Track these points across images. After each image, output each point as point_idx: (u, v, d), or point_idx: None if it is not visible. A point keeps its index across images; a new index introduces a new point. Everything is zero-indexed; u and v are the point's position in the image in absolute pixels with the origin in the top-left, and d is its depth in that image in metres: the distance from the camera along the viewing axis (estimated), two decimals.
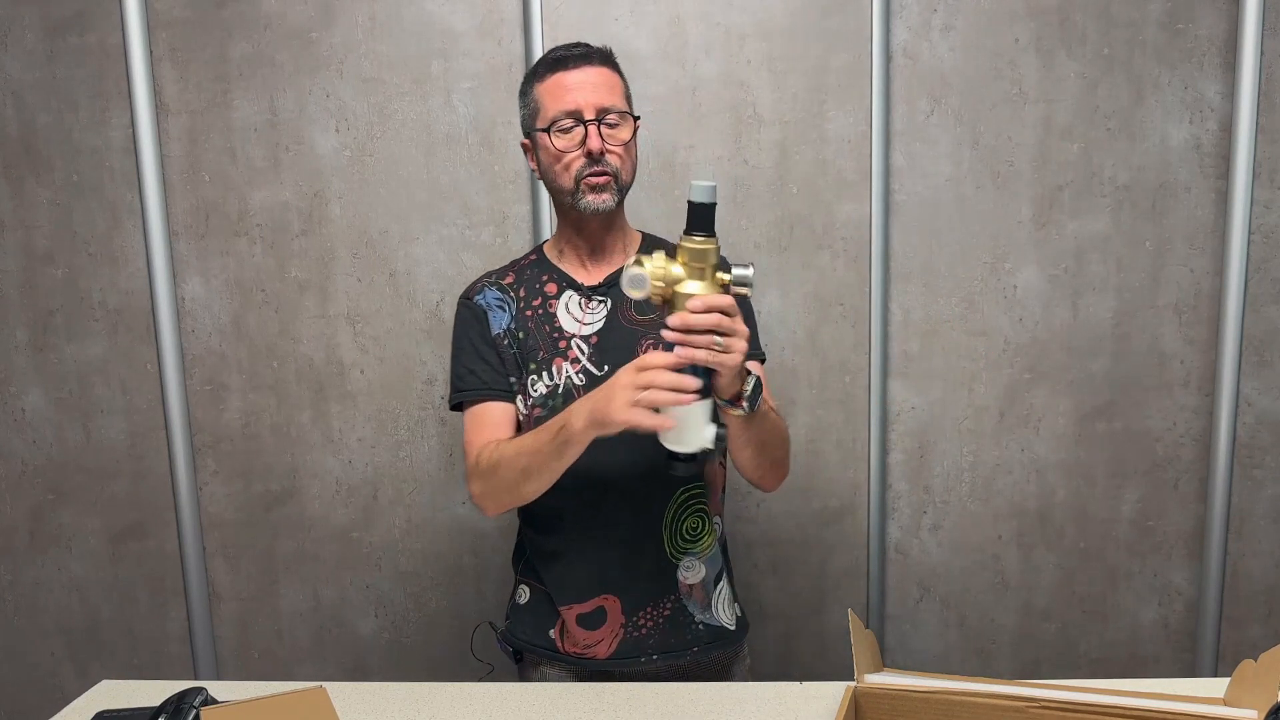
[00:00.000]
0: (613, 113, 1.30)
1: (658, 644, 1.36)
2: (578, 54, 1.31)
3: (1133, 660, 1.93)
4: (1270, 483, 1.86)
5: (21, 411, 1.95)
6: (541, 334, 1.36)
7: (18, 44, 1.83)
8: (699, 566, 1.37)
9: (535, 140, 1.34)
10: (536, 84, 1.33)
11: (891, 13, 1.76)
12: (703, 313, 1.07)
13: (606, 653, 1.35)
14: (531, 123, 1.35)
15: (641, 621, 1.35)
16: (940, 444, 1.89)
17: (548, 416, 1.30)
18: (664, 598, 1.36)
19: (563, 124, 1.29)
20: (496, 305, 1.39)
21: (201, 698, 1.10)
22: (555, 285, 1.39)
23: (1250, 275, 1.79)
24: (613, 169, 1.30)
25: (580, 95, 1.28)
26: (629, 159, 1.33)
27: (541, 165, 1.35)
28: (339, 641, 2.00)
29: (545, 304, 1.38)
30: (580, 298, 1.37)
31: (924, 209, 1.82)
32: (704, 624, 1.38)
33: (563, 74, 1.30)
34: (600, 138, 1.28)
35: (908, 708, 1.08)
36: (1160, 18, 1.75)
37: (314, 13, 1.80)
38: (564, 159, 1.30)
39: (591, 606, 1.35)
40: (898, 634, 1.95)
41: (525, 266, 1.43)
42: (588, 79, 1.29)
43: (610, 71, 1.32)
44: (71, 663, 2.03)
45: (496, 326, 1.38)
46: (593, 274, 1.38)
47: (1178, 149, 1.78)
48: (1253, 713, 1.03)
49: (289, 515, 1.95)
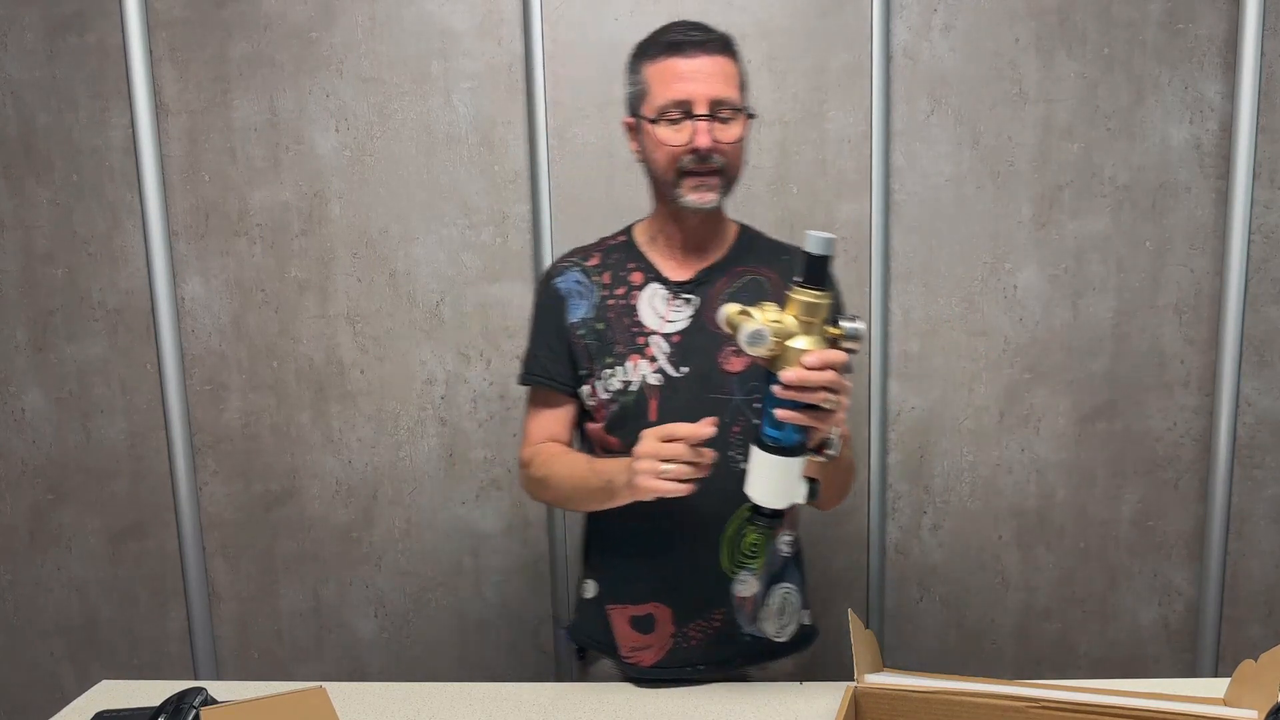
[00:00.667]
0: (726, 107, 1.22)
1: (704, 655, 1.32)
2: (695, 40, 1.22)
3: (1133, 660, 1.93)
4: (1270, 483, 1.86)
5: (21, 411, 1.95)
6: (621, 327, 1.30)
7: (18, 44, 1.83)
8: (752, 581, 1.32)
9: (640, 124, 1.27)
10: (647, 64, 1.25)
11: (891, 13, 1.76)
12: (819, 369, 1.02)
13: (653, 660, 1.32)
14: (637, 104, 1.27)
15: (691, 633, 1.31)
16: (940, 444, 1.89)
17: (620, 413, 1.28)
18: (714, 610, 1.31)
19: (671, 115, 1.21)
20: (576, 292, 1.33)
21: (201, 698, 1.10)
22: (641, 275, 1.32)
23: (1250, 275, 1.79)
24: (719, 165, 1.23)
25: (693, 85, 1.20)
26: (738, 155, 1.26)
27: (644, 150, 1.28)
28: (339, 641, 2.00)
29: (629, 294, 1.31)
30: (666, 293, 1.30)
31: (924, 209, 1.82)
32: (751, 637, 1.34)
33: (677, 60, 1.21)
34: (710, 134, 1.21)
35: (908, 708, 1.08)
36: (1160, 18, 1.75)
37: (314, 13, 1.80)
38: (669, 151, 1.23)
39: (643, 611, 1.32)
40: (898, 634, 1.95)
41: (613, 248, 1.36)
42: (702, 68, 1.21)
43: (728, 60, 1.24)
44: (71, 663, 2.03)
45: (574, 314, 1.32)
46: (683, 268, 1.32)
47: (1178, 149, 1.78)
48: (1253, 713, 1.03)
49: (289, 515, 1.95)
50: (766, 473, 1.07)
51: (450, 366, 1.89)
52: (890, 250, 1.83)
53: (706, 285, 1.30)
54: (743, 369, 1.27)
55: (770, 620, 1.35)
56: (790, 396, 1.02)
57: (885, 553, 1.92)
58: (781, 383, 1.02)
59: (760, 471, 1.07)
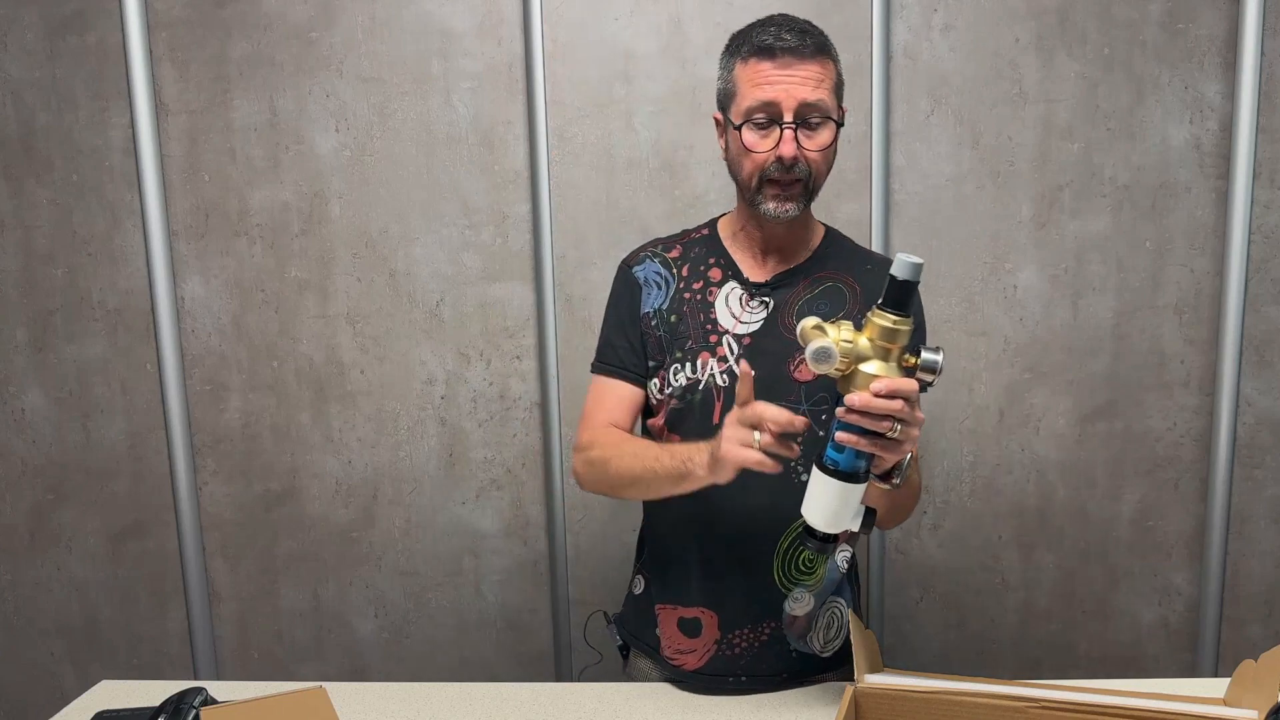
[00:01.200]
0: (815, 113, 1.18)
1: (748, 666, 1.29)
2: (789, 45, 1.16)
3: (1133, 660, 1.93)
4: (1270, 483, 1.86)
5: (21, 411, 1.95)
6: (695, 322, 1.27)
7: (18, 44, 1.83)
8: (808, 599, 1.29)
9: (727, 122, 1.23)
10: (738, 63, 1.20)
11: (891, 13, 1.76)
12: (886, 397, 0.97)
13: (696, 664, 1.30)
14: (725, 102, 1.23)
15: (736, 641, 1.28)
16: (940, 444, 1.89)
17: (684, 409, 1.26)
18: (763, 623, 1.29)
19: (758, 119, 1.18)
20: (655, 281, 1.31)
21: (201, 698, 1.10)
22: (720, 272, 1.29)
23: (1250, 275, 1.79)
24: (803, 174, 1.19)
25: (781, 90, 1.16)
26: (825, 163, 1.22)
27: (729, 151, 1.24)
28: (339, 641, 2.00)
29: (706, 290, 1.29)
30: (744, 293, 1.28)
31: (924, 209, 1.82)
32: (797, 652, 1.31)
33: (768, 65, 1.17)
34: (796, 142, 1.17)
35: (908, 708, 1.08)
36: (1160, 18, 1.75)
37: (314, 13, 1.80)
38: (752, 156, 1.19)
39: (692, 614, 1.30)
40: (898, 634, 1.95)
41: (695, 241, 1.33)
42: (794, 75, 1.16)
43: (821, 66, 1.18)
44: (71, 663, 2.03)
45: (648, 304, 1.30)
46: (764, 269, 1.29)
47: (1178, 149, 1.78)
48: (1253, 713, 1.03)
49: (289, 515, 1.95)
50: (822, 495, 1.03)
51: (450, 366, 1.89)
52: (890, 250, 1.83)
53: (784, 289, 1.28)
54: (812, 379, 1.23)
55: (818, 635, 1.31)
56: (853, 421, 0.99)
57: (885, 553, 1.92)
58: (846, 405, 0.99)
59: (817, 492, 1.03)
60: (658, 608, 1.33)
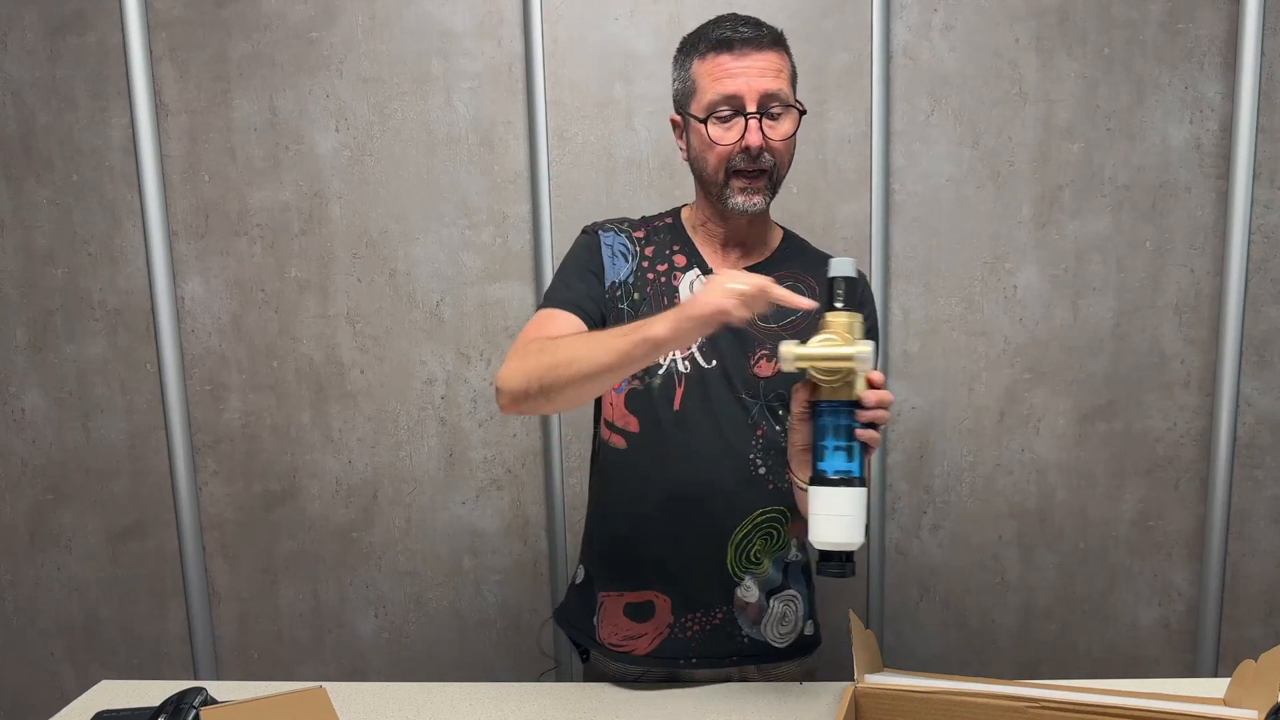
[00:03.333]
0: (777, 103, 1.19)
1: (699, 649, 1.31)
2: (746, 36, 1.19)
3: (1133, 660, 1.93)
4: (1270, 483, 1.86)
5: (21, 411, 1.95)
6: (659, 305, 1.26)
7: (18, 44, 1.83)
8: (754, 588, 1.31)
9: (687, 121, 1.24)
10: (696, 60, 1.22)
11: (891, 13, 1.76)
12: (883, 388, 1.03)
13: (646, 649, 1.31)
14: (685, 101, 1.24)
15: (688, 624, 1.30)
16: (940, 444, 1.89)
17: (643, 391, 1.26)
18: (716, 609, 1.30)
19: (721, 112, 1.19)
20: (621, 252, 1.29)
21: (201, 698, 1.10)
22: (685, 259, 1.29)
23: (1250, 275, 1.79)
24: (769, 165, 1.21)
25: (744, 81, 1.17)
26: (788, 154, 1.24)
27: (691, 149, 1.25)
28: (339, 641, 2.00)
29: (670, 274, 1.28)
30: None
31: (924, 209, 1.82)
32: (749, 638, 1.33)
33: (726, 57, 1.18)
34: (761, 132, 1.18)
35: (908, 708, 1.08)
36: (1160, 18, 1.75)
37: (314, 13, 1.80)
38: (718, 149, 1.20)
39: (642, 598, 1.30)
40: (898, 634, 1.95)
41: (659, 228, 1.33)
42: (753, 65, 1.18)
43: (779, 56, 1.20)
44: (71, 663, 2.03)
45: (613, 274, 1.28)
46: (727, 262, 1.30)
47: (1178, 149, 1.78)
48: (1253, 713, 1.03)
49: (289, 515, 1.95)
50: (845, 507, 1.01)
51: (450, 366, 1.89)
52: (890, 250, 1.83)
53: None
54: (771, 374, 1.25)
55: (772, 626, 1.34)
56: (871, 418, 1.01)
57: (885, 553, 1.92)
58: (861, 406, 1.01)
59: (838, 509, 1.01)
60: (601, 595, 1.34)
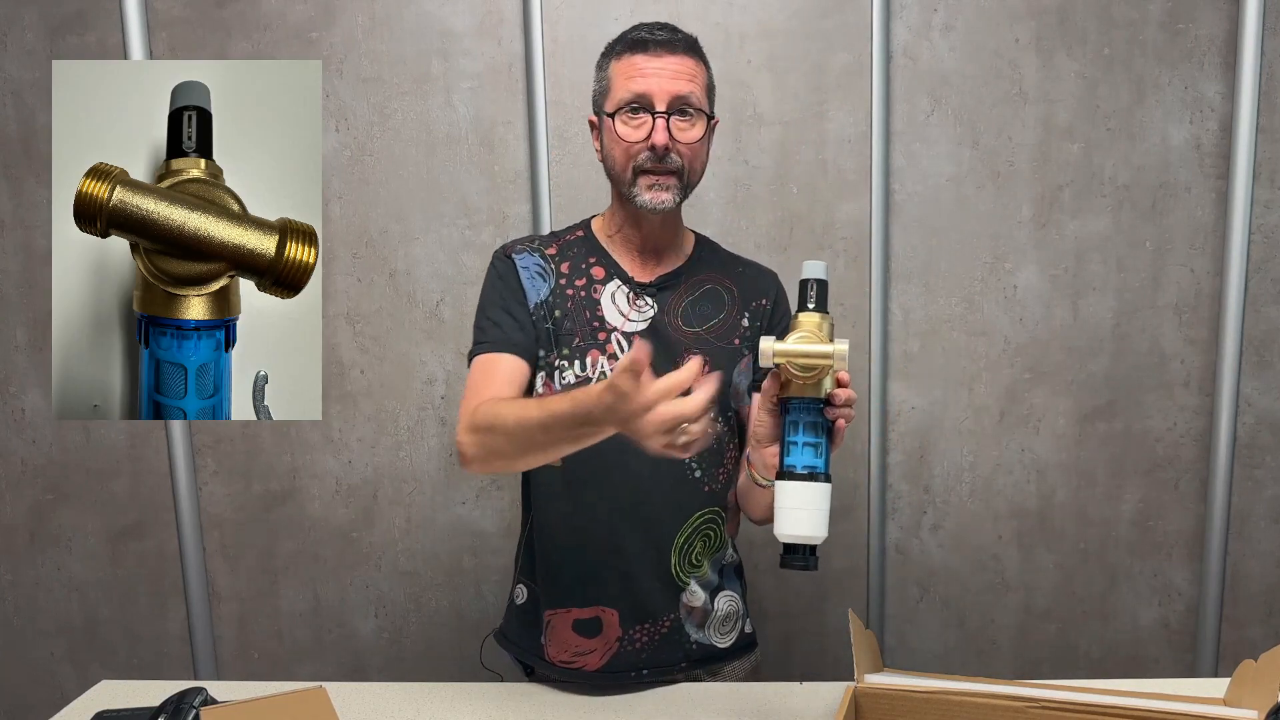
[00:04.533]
0: (687, 106, 1.20)
1: (649, 659, 1.31)
2: (660, 39, 1.21)
3: (1133, 660, 1.93)
4: (1270, 483, 1.86)
5: (21, 411, 1.95)
6: (581, 319, 1.27)
7: (18, 44, 1.83)
8: (699, 591, 1.32)
9: (601, 121, 1.26)
10: (613, 61, 1.24)
11: (891, 13, 1.76)
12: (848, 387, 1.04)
13: (597, 664, 1.31)
14: (600, 100, 1.26)
15: (637, 636, 1.31)
16: (940, 444, 1.89)
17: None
18: (664, 616, 1.31)
19: (631, 109, 1.20)
20: (537, 273, 1.29)
21: (201, 698, 1.10)
22: (603, 270, 1.30)
23: (1250, 275, 1.79)
24: (676, 166, 1.21)
25: (654, 82, 1.19)
26: (698, 158, 1.24)
27: (604, 148, 1.26)
28: (339, 641, 2.00)
29: (590, 288, 1.29)
30: (629, 292, 1.29)
31: (924, 209, 1.82)
32: (697, 643, 1.33)
33: (640, 57, 1.20)
34: (668, 132, 1.19)
35: (908, 708, 1.08)
36: (1160, 18, 1.75)
37: (314, 13, 1.80)
38: (626, 147, 1.21)
39: (590, 614, 1.31)
40: (898, 634, 1.95)
41: (571, 242, 1.33)
42: (665, 67, 1.19)
43: (693, 61, 1.22)
44: (71, 663, 2.03)
45: (534, 295, 1.28)
46: (645, 270, 1.31)
47: (1178, 149, 1.78)
48: (1253, 713, 1.03)
49: (289, 515, 1.95)
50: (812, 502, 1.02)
51: (450, 366, 1.89)
52: (890, 250, 1.83)
53: (668, 291, 1.30)
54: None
55: (716, 627, 1.35)
56: (839, 415, 1.03)
57: (885, 553, 1.92)
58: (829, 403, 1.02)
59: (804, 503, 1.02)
60: (547, 614, 1.33)
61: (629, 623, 1.30)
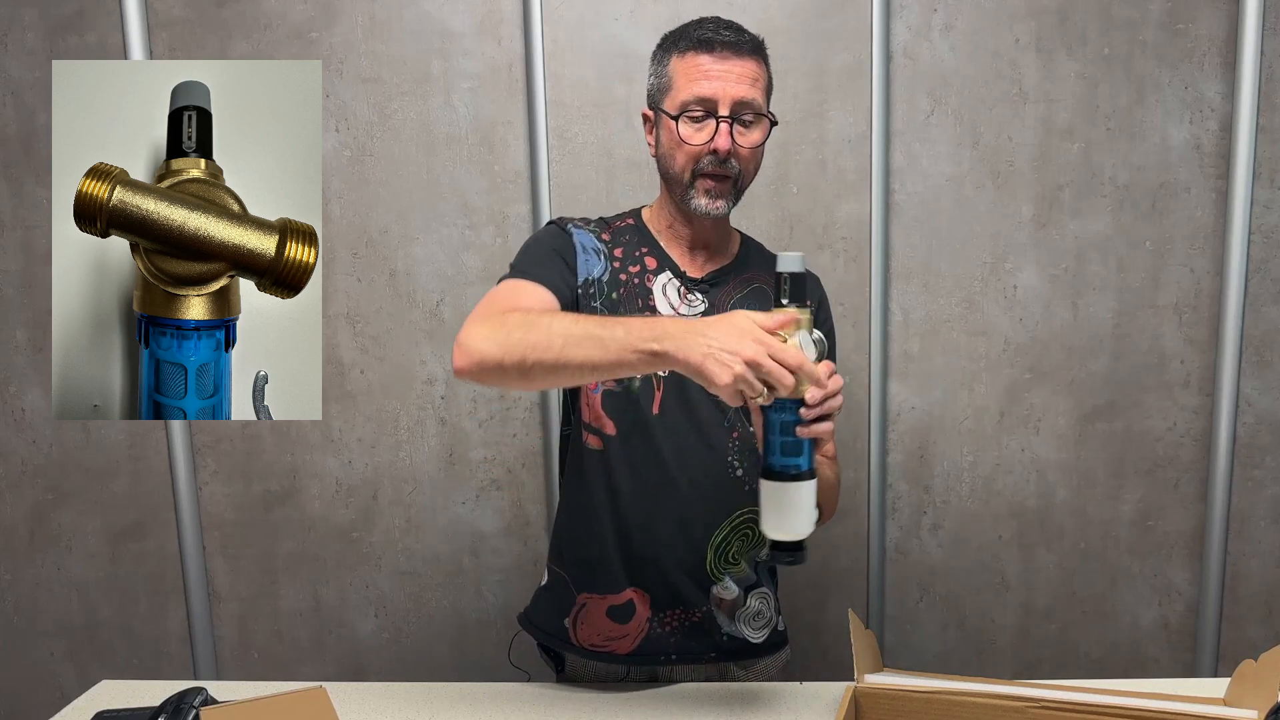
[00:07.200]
0: (750, 110, 1.20)
1: (678, 645, 1.31)
2: (727, 40, 1.19)
3: (1133, 660, 1.93)
4: (1270, 483, 1.86)
5: (21, 411, 1.95)
6: (634, 306, 1.25)
7: (18, 44, 1.83)
8: (733, 586, 1.32)
9: (659, 117, 1.24)
10: (675, 57, 1.22)
11: (891, 13, 1.76)
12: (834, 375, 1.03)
13: (628, 649, 1.31)
14: (659, 97, 1.24)
15: (668, 620, 1.31)
16: (940, 444, 1.89)
17: (621, 395, 1.25)
18: (696, 607, 1.31)
19: (693, 112, 1.19)
20: (593, 250, 1.27)
21: (201, 698, 1.10)
22: (655, 261, 1.29)
23: (1250, 275, 1.79)
24: (735, 172, 1.21)
25: (719, 86, 1.18)
26: (755, 162, 1.25)
27: (660, 145, 1.25)
28: (339, 641, 2.00)
29: (643, 276, 1.27)
30: (680, 285, 1.28)
31: (924, 209, 1.82)
32: (728, 635, 1.33)
33: (706, 57, 1.19)
34: (731, 137, 1.19)
35: (908, 708, 1.08)
36: (1160, 18, 1.75)
37: (314, 13, 1.80)
38: (686, 148, 1.21)
39: (622, 599, 1.30)
40: (898, 634, 1.95)
41: (622, 229, 1.32)
42: (731, 70, 1.19)
43: (757, 64, 1.22)
44: (71, 663, 2.03)
45: (586, 270, 1.25)
46: (696, 265, 1.30)
47: (1178, 149, 1.78)
48: (1253, 713, 1.03)
49: (289, 515, 1.95)
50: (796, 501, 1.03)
51: (450, 366, 1.89)
52: (890, 250, 1.83)
53: (718, 287, 1.30)
54: None
55: (747, 622, 1.35)
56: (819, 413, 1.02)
57: (885, 553, 1.92)
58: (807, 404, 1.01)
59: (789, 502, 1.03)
60: (582, 597, 1.32)
61: (659, 608, 1.30)
